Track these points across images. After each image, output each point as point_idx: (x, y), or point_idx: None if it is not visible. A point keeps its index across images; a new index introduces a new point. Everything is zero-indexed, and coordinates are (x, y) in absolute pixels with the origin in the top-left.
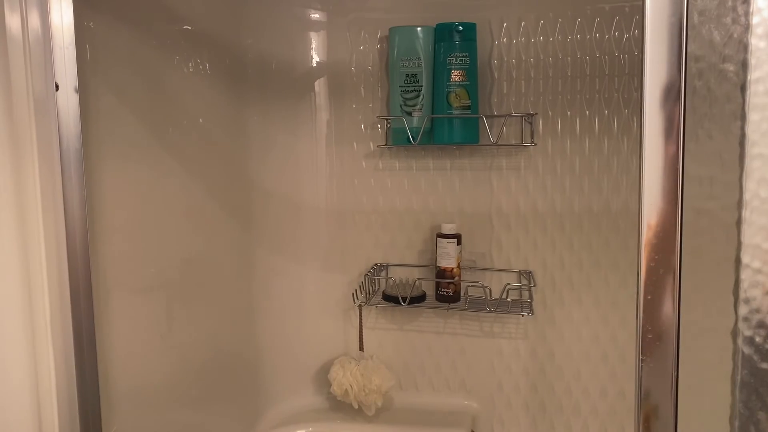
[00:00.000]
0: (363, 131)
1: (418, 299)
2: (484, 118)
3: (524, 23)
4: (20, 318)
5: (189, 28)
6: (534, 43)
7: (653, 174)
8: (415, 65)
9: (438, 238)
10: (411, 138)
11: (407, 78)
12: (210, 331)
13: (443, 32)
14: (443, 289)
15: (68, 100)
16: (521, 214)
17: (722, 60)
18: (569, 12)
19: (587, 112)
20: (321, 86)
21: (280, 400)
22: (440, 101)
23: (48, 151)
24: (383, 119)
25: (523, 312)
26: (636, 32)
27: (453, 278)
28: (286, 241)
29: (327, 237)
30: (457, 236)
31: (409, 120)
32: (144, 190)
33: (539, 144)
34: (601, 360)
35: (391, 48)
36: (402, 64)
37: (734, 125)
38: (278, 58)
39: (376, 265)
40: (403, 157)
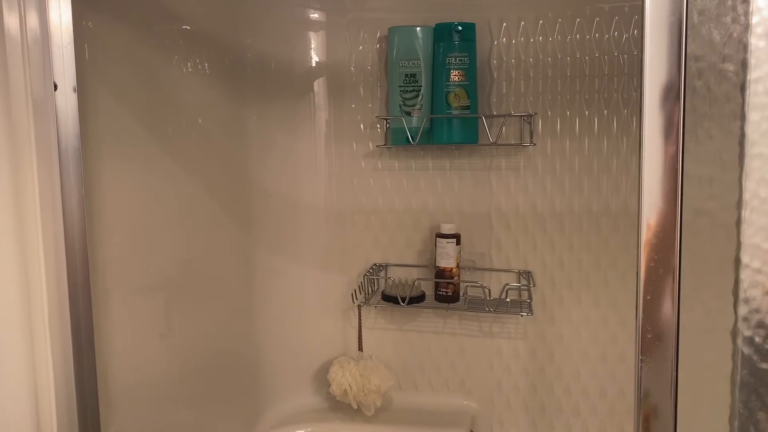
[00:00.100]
0: (362, 131)
1: (418, 299)
2: (483, 118)
3: (523, 23)
4: (19, 318)
5: (188, 28)
6: (533, 43)
7: (653, 174)
8: (415, 65)
9: (437, 238)
10: (410, 138)
11: (406, 78)
12: (209, 331)
13: (442, 32)
14: (442, 289)
15: (67, 100)
16: (520, 214)
17: (722, 60)
18: (568, 12)
19: (586, 112)
20: (320, 86)
21: (279, 400)
22: (439, 101)
23: (46, 151)
24: (382, 119)
25: (523, 312)
26: (635, 32)
27: (452, 278)
28: (285, 241)
29: (326, 237)
30: (456, 236)
31: (409, 120)
32: (143, 190)
33: (538, 144)
34: (601, 360)
35: (391, 48)
36: (401, 64)
37: (734, 125)
38: (277, 58)
39: (375, 265)
40: (403, 157)
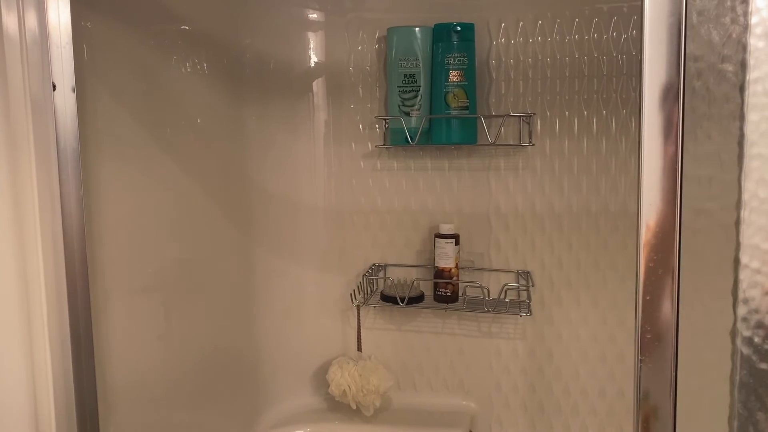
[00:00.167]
0: (361, 131)
1: (417, 299)
2: (482, 119)
3: (522, 23)
4: (18, 318)
5: (187, 28)
6: (532, 44)
7: (652, 174)
8: (413, 65)
9: (436, 239)
10: (409, 138)
11: (405, 78)
12: (208, 331)
13: (441, 32)
14: (441, 290)
15: (65, 100)
16: (519, 215)
17: (721, 60)
18: (567, 12)
19: (585, 113)
20: (319, 86)
21: (279, 401)
22: (438, 101)
23: (45, 151)
24: (381, 119)
25: (521, 312)
26: (634, 32)
27: (451, 278)
28: (284, 241)
29: (325, 237)
30: (455, 236)
31: (407, 120)
32: (142, 190)
33: (537, 144)
34: (599, 360)
35: (389, 48)
36: (400, 65)
37: (733, 125)
38: (276, 58)
39: (374, 266)
40: (401, 158)
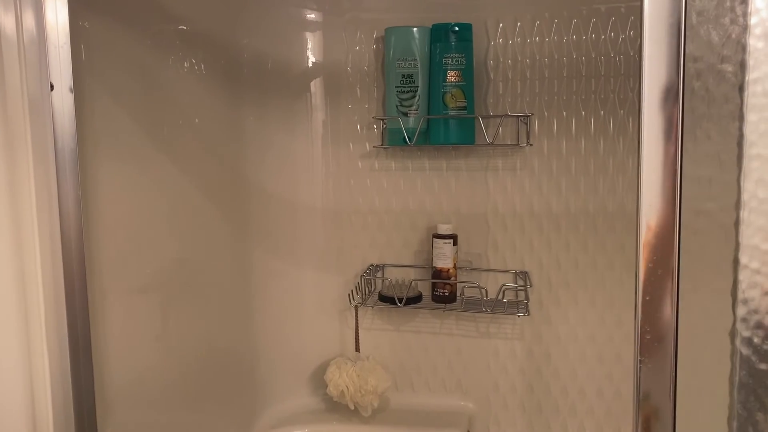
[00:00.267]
0: (359, 131)
1: (415, 300)
2: (480, 119)
3: (520, 24)
4: (15, 318)
5: (184, 28)
6: (530, 44)
7: (652, 174)
8: (411, 66)
9: (434, 239)
10: (407, 138)
11: (403, 78)
12: (206, 332)
13: (439, 33)
14: (439, 290)
15: (63, 100)
16: (517, 215)
17: (720, 60)
18: (565, 12)
19: (583, 113)
20: (317, 86)
21: (276, 401)
22: (436, 102)
23: (43, 151)
24: (379, 119)
25: (519, 312)
26: (632, 33)
27: (449, 279)
28: (282, 242)
29: (323, 237)
30: (453, 237)
31: (405, 120)
32: (139, 190)
33: (535, 144)
34: (598, 360)
35: (387, 48)
36: (398, 65)
37: (732, 126)
38: (274, 58)
39: (372, 266)
40: (399, 158)
